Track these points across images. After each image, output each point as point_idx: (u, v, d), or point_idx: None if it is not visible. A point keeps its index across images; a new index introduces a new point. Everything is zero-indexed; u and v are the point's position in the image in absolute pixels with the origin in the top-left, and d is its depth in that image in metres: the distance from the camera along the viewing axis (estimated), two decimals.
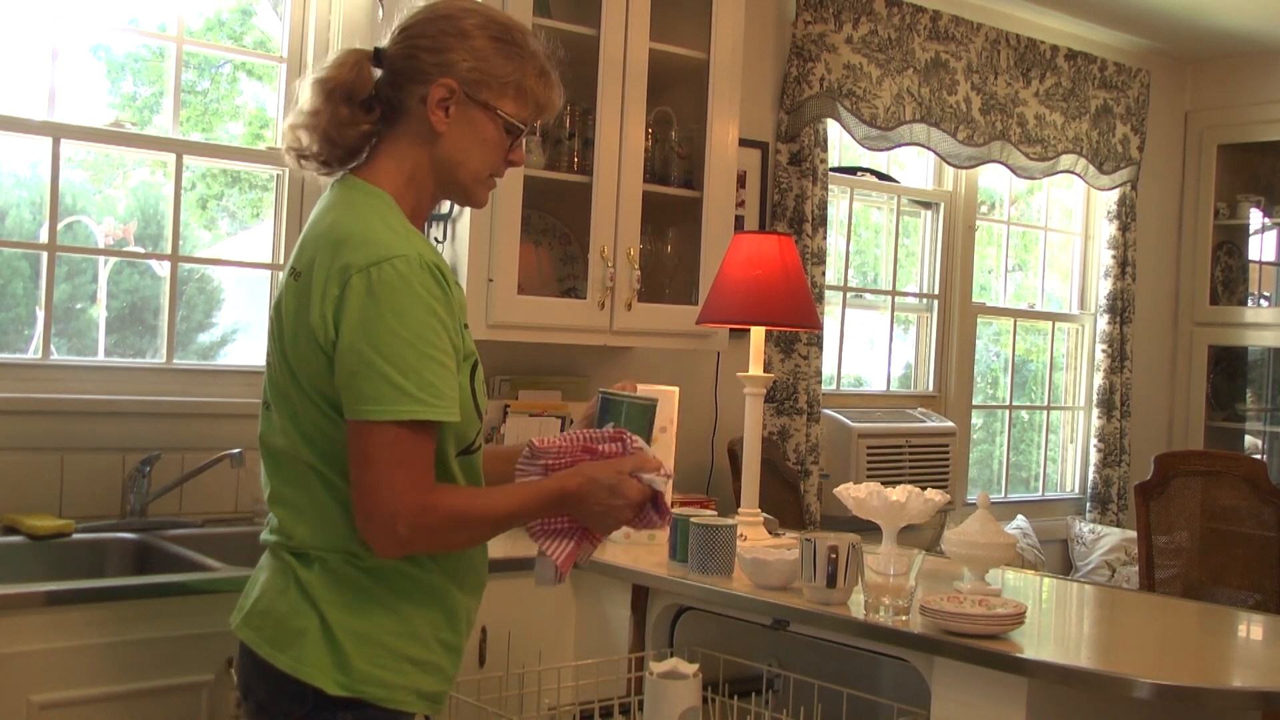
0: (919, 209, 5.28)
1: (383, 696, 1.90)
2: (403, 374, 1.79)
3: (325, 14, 3.51)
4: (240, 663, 1.98)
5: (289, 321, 1.89)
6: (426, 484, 1.83)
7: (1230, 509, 4.33)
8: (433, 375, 1.81)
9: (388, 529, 1.81)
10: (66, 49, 3.17)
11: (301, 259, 1.91)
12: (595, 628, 2.96)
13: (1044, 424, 5.93)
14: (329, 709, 1.87)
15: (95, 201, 3.34)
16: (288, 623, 1.89)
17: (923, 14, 4.80)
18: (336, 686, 1.86)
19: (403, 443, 1.80)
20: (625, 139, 3.45)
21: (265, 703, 1.93)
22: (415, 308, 1.81)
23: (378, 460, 1.79)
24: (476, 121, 1.94)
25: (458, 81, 1.92)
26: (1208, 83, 6.10)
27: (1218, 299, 6.16)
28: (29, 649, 2.28)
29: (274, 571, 1.95)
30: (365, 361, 1.79)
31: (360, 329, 1.80)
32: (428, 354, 1.81)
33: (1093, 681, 2.11)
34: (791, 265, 3.05)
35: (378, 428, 1.79)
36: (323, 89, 1.93)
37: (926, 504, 2.58)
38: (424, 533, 1.83)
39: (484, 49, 1.93)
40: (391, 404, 1.78)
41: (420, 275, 1.82)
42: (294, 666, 1.87)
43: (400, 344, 1.79)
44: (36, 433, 3.01)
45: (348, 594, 1.89)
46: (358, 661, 1.88)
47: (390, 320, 1.80)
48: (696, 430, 4.05)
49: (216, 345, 3.53)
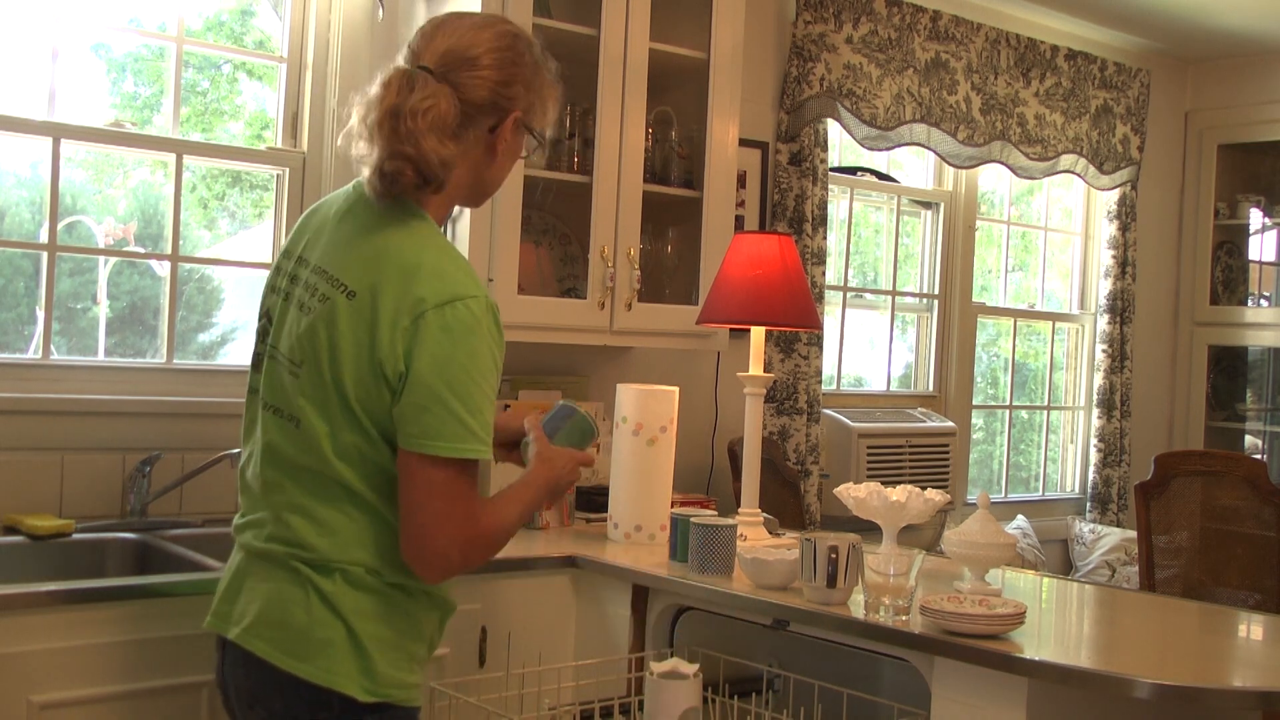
0: (919, 209, 5.28)
1: (402, 697, 1.98)
2: (470, 413, 1.89)
3: (325, 14, 3.51)
4: (244, 672, 1.99)
5: (345, 342, 1.91)
6: (477, 515, 1.94)
7: (1230, 509, 4.33)
8: (489, 415, 1.93)
9: (443, 561, 1.91)
10: (67, 49, 3.17)
11: (355, 278, 1.93)
12: (595, 628, 2.96)
13: (1044, 424, 5.93)
14: (355, 714, 1.93)
15: (95, 201, 3.34)
16: (312, 633, 1.93)
17: (923, 14, 4.80)
18: (365, 693, 1.93)
19: (464, 478, 1.90)
20: (625, 139, 3.45)
21: (280, 711, 1.95)
22: (483, 349, 1.91)
23: (440, 495, 1.88)
24: (518, 144, 2.08)
25: (522, 112, 2.05)
26: (1208, 83, 6.10)
27: (1218, 299, 6.16)
28: (29, 649, 2.28)
29: (284, 583, 1.96)
30: (438, 398, 1.87)
31: (435, 366, 1.87)
32: (489, 395, 1.92)
33: (1093, 681, 2.11)
34: (791, 265, 3.05)
35: (442, 462, 1.88)
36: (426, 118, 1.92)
37: (926, 504, 2.58)
38: (474, 559, 1.95)
39: (533, 79, 2.05)
40: (460, 442, 1.88)
41: (487, 318, 1.92)
42: (322, 677, 1.91)
43: (470, 384, 1.89)
44: (37, 433, 3.01)
45: (372, 603, 1.96)
46: (382, 666, 1.95)
47: (463, 359, 1.89)
48: (696, 430, 4.05)
49: (216, 345, 3.53)
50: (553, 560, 2.97)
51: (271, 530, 1.99)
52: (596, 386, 3.89)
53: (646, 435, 3.13)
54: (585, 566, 2.97)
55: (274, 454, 2.01)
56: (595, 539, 3.19)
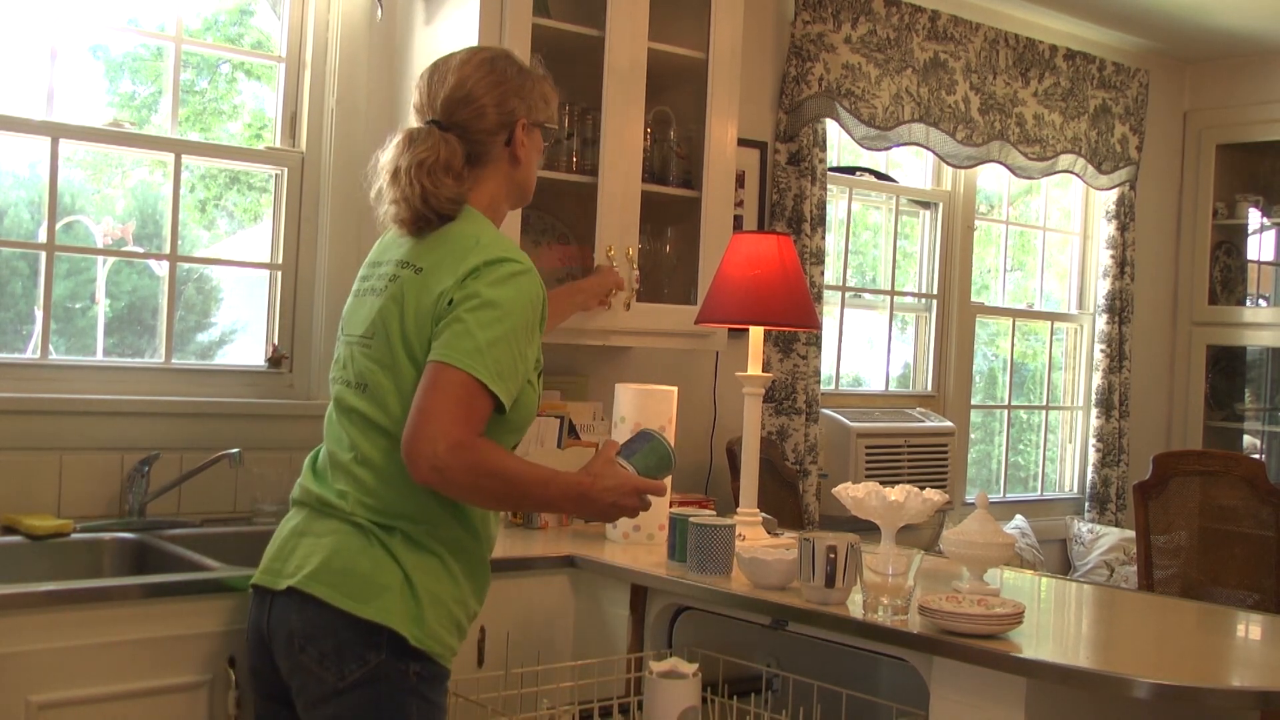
0: (918, 209, 5.28)
1: (439, 653, 2.20)
2: (489, 345, 2.11)
3: (324, 14, 3.51)
4: (299, 616, 2.16)
5: (410, 306, 2.20)
6: (475, 429, 2.11)
7: (1229, 509, 4.33)
8: (507, 361, 2.13)
9: (430, 448, 2.06)
10: (65, 49, 3.17)
11: (422, 258, 2.23)
12: (594, 627, 2.96)
13: (1043, 424, 5.94)
14: (402, 658, 2.14)
15: (94, 201, 3.34)
16: (374, 578, 2.15)
17: (921, 14, 4.80)
18: (414, 638, 2.14)
19: (469, 391, 2.10)
20: (624, 139, 3.45)
21: (331, 651, 2.14)
22: (517, 305, 2.17)
23: (442, 393, 2.09)
24: (536, 140, 2.38)
25: (525, 117, 2.33)
26: (1206, 83, 6.11)
27: (1216, 299, 6.16)
28: (28, 649, 2.28)
29: (348, 535, 2.19)
30: (464, 326, 2.12)
31: (470, 300, 2.14)
32: (512, 343, 2.15)
33: (1091, 681, 2.11)
34: (790, 265, 3.05)
35: (453, 371, 2.10)
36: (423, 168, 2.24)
37: (925, 504, 2.58)
38: (459, 465, 2.07)
39: (521, 86, 2.34)
40: (472, 359, 2.10)
41: (530, 283, 2.21)
42: (380, 614, 2.12)
43: (497, 324, 2.13)
44: (35, 432, 3.01)
45: (426, 559, 2.19)
46: (430, 619, 2.17)
47: (494, 301, 2.14)
48: (695, 430, 4.05)
49: (215, 345, 3.53)
50: (551, 560, 2.97)
51: (342, 486, 2.22)
52: (595, 386, 3.89)
53: None
54: (584, 566, 2.97)
55: (346, 413, 2.26)
56: (594, 539, 3.19)
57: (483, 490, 2.14)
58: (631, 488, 2.30)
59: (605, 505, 2.28)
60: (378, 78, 3.53)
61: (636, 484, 2.31)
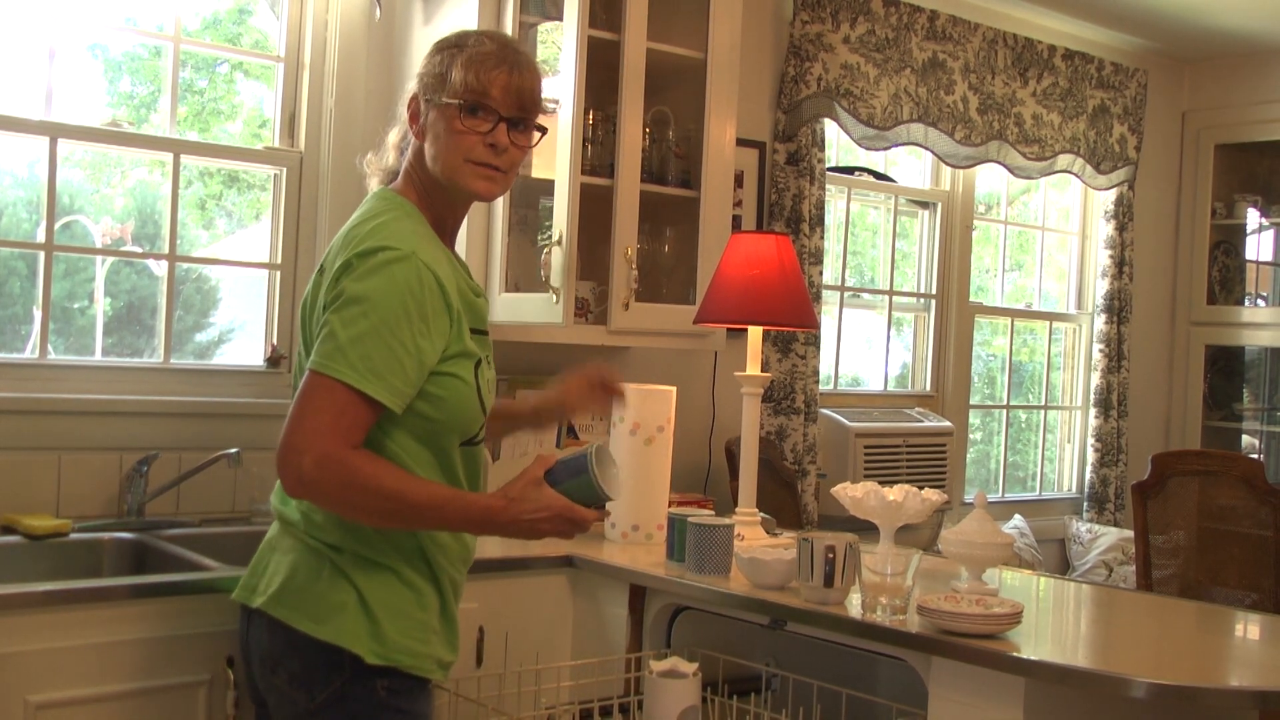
0: (916, 209, 5.28)
1: (411, 664, 2.10)
2: (352, 342, 1.98)
3: (322, 14, 3.51)
4: (268, 636, 2.11)
5: (314, 315, 2.10)
6: (347, 440, 1.97)
7: (1227, 508, 4.33)
8: (380, 356, 1.98)
9: (295, 459, 1.95)
10: (64, 48, 3.17)
11: (327, 257, 2.14)
12: (592, 627, 2.96)
13: (1041, 424, 5.94)
14: (367, 676, 2.06)
15: (93, 201, 3.34)
16: (328, 598, 2.07)
17: (920, 14, 4.80)
18: (373, 656, 2.06)
19: (337, 398, 1.97)
20: (623, 138, 3.45)
21: (299, 673, 2.08)
22: (390, 292, 2.00)
23: (310, 401, 1.98)
24: (434, 119, 2.17)
25: (417, 96, 2.20)
26: (1205, 82, 6.11)
27: (1215, 299, 6.17)
28: (26, 649, 2.28)
29: (304, 554, 2.11)
30: (329, 326, 2.01)
31: (336, 299, 2.02)
32: (385, 336, 1.99)
33: (1090, 681, 2.11)
34: (789, 265, 3.05)
35: (321, 378, 1.98)
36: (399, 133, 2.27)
37: (924, 504, 2.58)
38: (328, 480, 1.96)
39: (429, 64, 2.21)
40: (330, 361, 1.98)
41: (405, 270, 2.02)
42: (336, 636, 2.05)
43: (361, 319, 1.99)
44: (34, 432, 3.01)
45: (379, 573, 2.09)
46: (391, 632, 2.07)
47: (362, 294, 2.00)
48: (694, 430, 4.05)
49: (214, 345, 3.53)
50: (550, 560, 2.97)
51: (296, 503, 2.13)
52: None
53: (644, 435, 3.14)
54: (582, 566, 2.97)
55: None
56: (592, 539, 3.19)
57: (359, 507, 2.01)
58: (556, 513, 2.08)
59: (519, 531, 2.09)
60: (376, 78, 3.53)
61: (563, 510, 2.09)
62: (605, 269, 3.45)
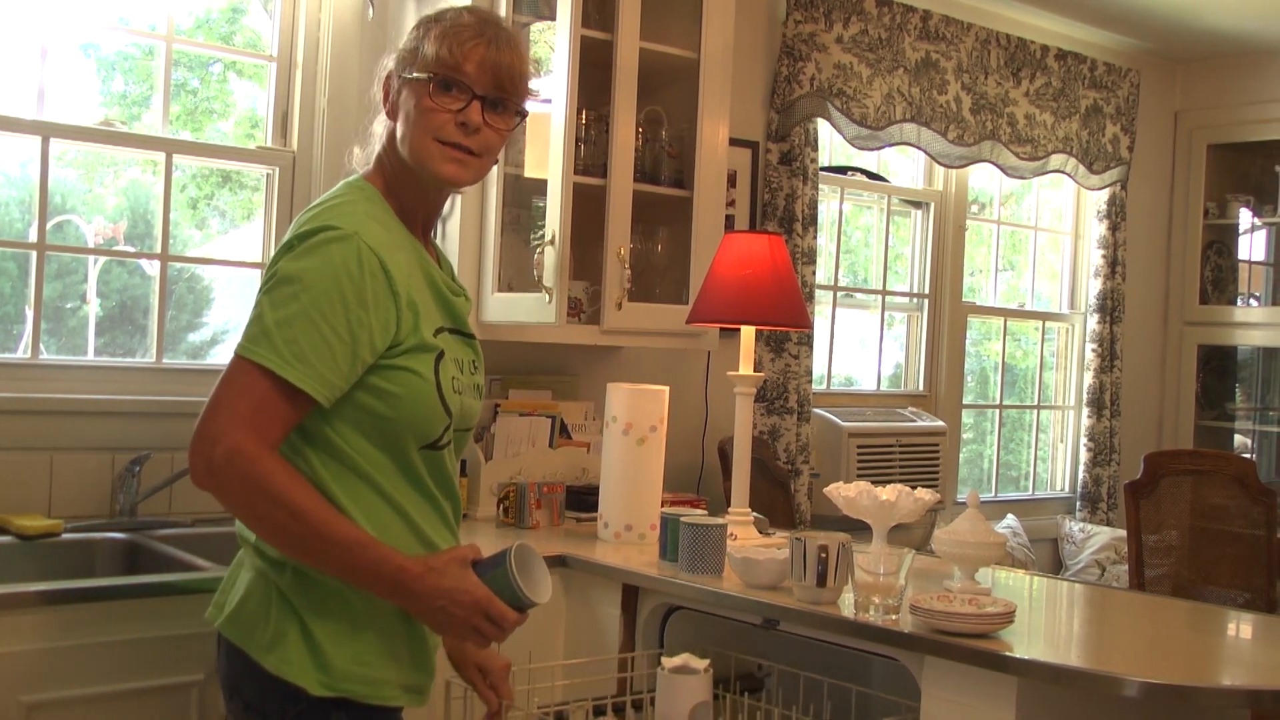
0: (909, 209, 5.28)
1: (367, 693, 1.91)
2: (279, 325, 1.83)
3: (315, 13, 3.50)
4: (226, 661, 1.98)
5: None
6: (264, 435, 1.82)
7: (1220, 508, 4.34)
8: (309, 340, 1.83)
9: (208, 448, 1.81)
10: (56, 47, 3.16)
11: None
12: (585, 627, 2.96)
13: (1034, 423, 5.94)
14: (321, 709, 1.89)
15: (85, 200, 3.33)
16: (273, 623, 1.90)
17: (913, 14, 4.80)
18: (320, 687, 1.88)
19: (257, 386, 1.83)
20: (615, 138, 3.45)
21: (255, 701, 1.93)
22: (326, 272, 1.85)
23: (230, 388, 1.85)
24: (405, 97, 2.02)
25: (392, 73, 2.06)
26: (1197, 83, 6.12)
27: (1207, 298, 6.18)
28: (18, 649, 2.28)
29: (256, 574, 1.95)
30: (258, 308, 1.87)
31: (270, 280, 1.88)
32: (316, 320, 1.83)
33: (1082, 680, 2.11)
34: (782, 265, 3.05)
35: (243, 363, 1.85)
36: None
37: (916, 503, 2.58)
38: (233, 474, 1.80)
39: (406, 39, 2.06)
40: (252, 345, 1.84)
41: (344, 250, 1.86)
42: (279, 667, 1.88)
43: (291, 301, 1.84)
44: (25, 432, 3.01)
45: (320, 596, 1.89)
46: (338, 661, 1.89)
47: (295, 274, 1.85)
48: (687, 430, 4.05)
49: (206, 345, 3.53)
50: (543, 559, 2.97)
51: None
52: (587, 386, 3.89)
53: (636, 435, 3.14)
54: (575, 566, 2.97)
55: None
56: (585, 538, 3.19)
57: (262, 516, 1.82)
58: (475, 600, 1.86)
59: (431, 607, 1.86)
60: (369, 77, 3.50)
61: (482, 599, 1.87)
62: (598, 269, 3.44)
